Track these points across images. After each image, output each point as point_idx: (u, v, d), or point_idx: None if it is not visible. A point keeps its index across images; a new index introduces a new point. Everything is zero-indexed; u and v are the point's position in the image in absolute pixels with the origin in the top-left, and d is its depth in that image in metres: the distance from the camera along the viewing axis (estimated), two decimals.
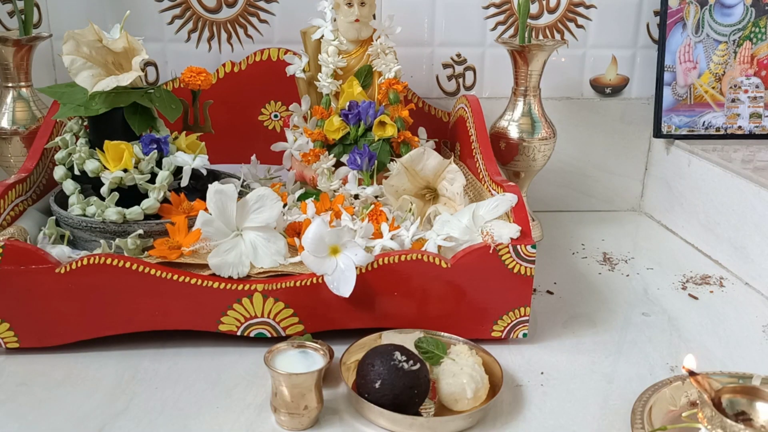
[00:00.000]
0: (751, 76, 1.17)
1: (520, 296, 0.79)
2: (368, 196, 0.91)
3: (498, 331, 0.80)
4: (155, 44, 1.12)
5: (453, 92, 1.20)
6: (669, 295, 0.95)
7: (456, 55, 1.18)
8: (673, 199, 1.18)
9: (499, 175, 0.91)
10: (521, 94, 1.06)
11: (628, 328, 0.86)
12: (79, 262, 0.73)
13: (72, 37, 0.82)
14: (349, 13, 0.95)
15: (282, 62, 1.07)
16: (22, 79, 1.00)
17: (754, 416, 0.63)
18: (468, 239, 0.80)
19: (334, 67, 0.97)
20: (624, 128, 1.23)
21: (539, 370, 0.76)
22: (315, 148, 0.96)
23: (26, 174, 0.87)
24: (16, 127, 0.99)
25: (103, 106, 0.82)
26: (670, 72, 1.16)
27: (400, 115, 0.97)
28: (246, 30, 1.13)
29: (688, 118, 1.17)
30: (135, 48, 0.85)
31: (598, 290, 0.96)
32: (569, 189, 1.26)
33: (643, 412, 0.65)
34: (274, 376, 0.65)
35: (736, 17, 1.15)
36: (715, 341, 0.83)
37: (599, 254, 1.08)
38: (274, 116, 1.13)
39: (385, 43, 0.97)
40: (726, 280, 1.00)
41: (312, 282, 0.76)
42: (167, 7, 1.11)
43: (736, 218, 1.01)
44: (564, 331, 0.85)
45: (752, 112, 1.17)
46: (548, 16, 1.17)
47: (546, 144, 1.06)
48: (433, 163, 0.90)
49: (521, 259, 0.77)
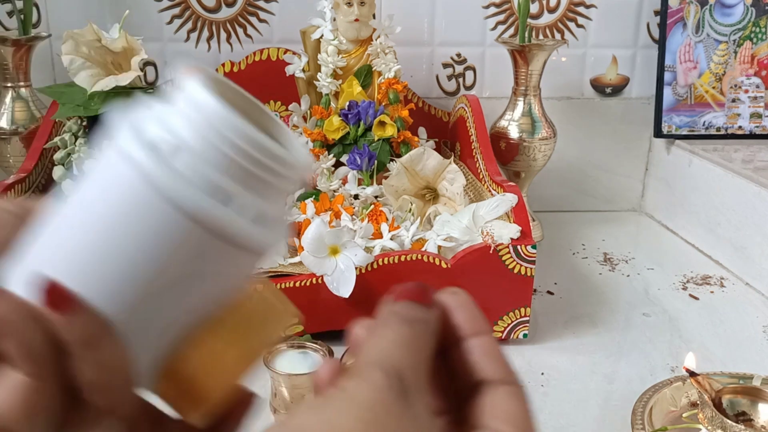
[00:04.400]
0: (751, 76, 1.16)
1: (521, 296, 0.78)
2: (368, 196, 0.91)
3: (498, 331, 0.80)
4: (154, 44, 1.11)
5: (453, 92, 1.19)
6: (669, 296, 0.95)
7: (456, 54, 1.18)
8: (674, 199, 1.18)
9: (499, 175, 0.91)
10: (521, 93, 1.06)
11: (629, 329, 0.86)
12: None
13: (71, 37, 0.82)
14: (349, 13, 0.95)
15: (281, 62, 1.06)
16: (21, 79, 1.00)
17: (755, 417, 0.63)
18: (468, 239, 0.79)
19: (334, 66, 0.96)
20: (624, 128, 1.23)
21: (540, 371, 0.76)
22: (314, 148, 0.96)
23: (25, 174, 0.87)
24: (15, 127, 0.99)
25: (102, 106, 0.82)
26: (671, 72, 1.16)
27: (400, 114, 0.97)
28: (245, 30, 1.13)
29: (689, 118, 1.17)
30: (134, 48, 0.84)
31: (599, 290, 0.96)
32: (569, 189, 1.26)
33: (643, 413, 0.64)
34: (274, 377, 0.65)
35: (736, 17, 1.15)
36: (716, 341, 0.83)
37: (600, 254, 1.08)
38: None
39: (385, 42, 0.97)
40: (727, 280, 0.99)
41: (312, 282, 0.75)
42: (166, 6, 1.11)
43: (736, 218, 1.01)
44: (564, 331, 0.85)
45: (753, 112, 1.17)
46: (548, 15, 1.17)
47: (546, 144, 1.06)
48: (433, 163, 0.90)
49: (521, 259, 0.77)
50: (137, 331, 0.27)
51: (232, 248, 0.27)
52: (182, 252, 0.26)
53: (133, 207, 0.26)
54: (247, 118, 0.27)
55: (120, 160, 0.26)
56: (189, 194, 0.25)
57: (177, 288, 0.27)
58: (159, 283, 0.27)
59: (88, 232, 0.26)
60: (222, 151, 0.26)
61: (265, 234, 0.28)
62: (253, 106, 0.30)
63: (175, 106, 0.27)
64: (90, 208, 0.27)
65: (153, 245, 0.26)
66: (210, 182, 0.26)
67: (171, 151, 0.26)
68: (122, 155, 0.26)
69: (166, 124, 0.26)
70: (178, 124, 0.26)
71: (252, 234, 0.27)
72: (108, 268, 0.26)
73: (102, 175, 0.27)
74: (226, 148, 0.26)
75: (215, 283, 0.28)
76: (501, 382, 0.28)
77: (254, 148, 0.26)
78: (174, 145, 0.26)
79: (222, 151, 0.26)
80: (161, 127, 0.26)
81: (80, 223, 0.27)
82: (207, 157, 0.26)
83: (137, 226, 0.26)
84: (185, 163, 0.26)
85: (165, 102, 0.27)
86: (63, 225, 0.27)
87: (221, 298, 0.29)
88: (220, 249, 0.27)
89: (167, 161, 0.26)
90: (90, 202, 0.27)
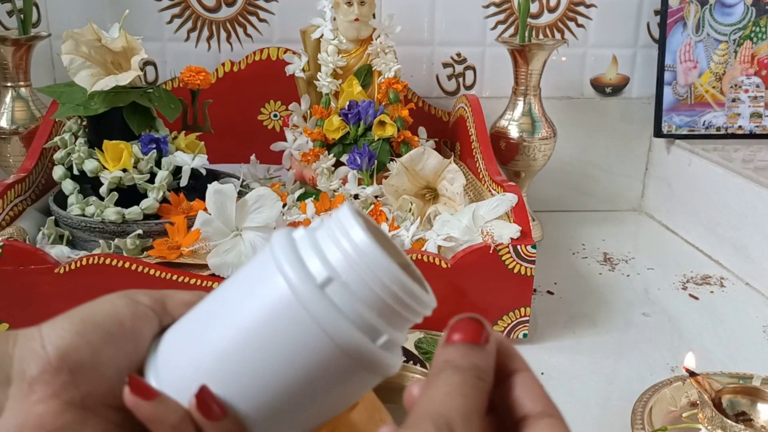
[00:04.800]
0: (751, 76, 1.16)
1: (520, 296, 0.78)
2: (368, 196, 0.91)
3: (498, 331, 0.79)
4: (154, 43, 1.11)
5: (453, 92, 1.19)
6: (669, 295, 0.95)
7: (456, 54, 1.18)
8: (674, 199, 1.18)
9: (499, 175, 0.91)
10: (521, 93, 1.06)
11: (629, 329, 0.86)
12: (78, 263, 0.73)
13: (71, 37, 0.82)
14: (349, 12, 0.95)
15: (281, 61, 1.06)
16: (21, 78, 1.00)
17: (755, 417, 0.63)
18: (468, 239, 0.79)
19: (334, 66, 0.96)
20: (624, 128, 1.23)
21: (539, 371, 0.76)
22: (314, 148, 0.96)
23: (25, 174, 0.87)
24: (16, 127, 0.99)
25: (102, 106, 0.82)
26: (671, 71, 1.16)
27: (400, 114, 0.97)
28: (245, 29, 1.13)
29: (689, 117, 1.17)
30: (134, 47, 0.84)
31: (599, 290, 0.96)
32: (569, 189, 1.26)
33: (643, 413, 0.64)
34: None
35: (736, 17, 1.15)
36: (716, 341, 0.83)
37: (599, 254, 1.08)
38: (273, 116, 1.13)
39: (385, 42, 0.97)
40: (726, 280, 0.99)
41: None
42: (166, 6, 1.11)
43: (736, 218, 1.01)
44: (564, 331, 0.85)
45: (753, 112, 1.17)
46: (548, 15, 1.17)
47: (546, 144, 1.06)
48: (433, 163, 0.90)
49: (521, 259, 0.77)
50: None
51: (366, 373, 0.31)
52: (323, 374, 0.29)
53: (288, 330, 0.29)
54: (389, 255, 0.30)
55: (280, 279, 0.29)
56: (344, 328, 0.29)
57: (309, 402, 0.30)
58: (296, 398, 0.30)
59: (240, 345, 0.29)
60: (375, 292, 0.29)
61: (393, 359, 0.31)
62: (388, 242, 0.33)
63: (335, 241, 0.30)
64: (243, 321, 0.30)
65: (298, 365, 0.29)
66: (363, 319, 0.29)
67: (329, 284, 0.29)
68: (283, 276, 0.29)
69: (325, 256, 0.30)
70: (338, 258, 0.29)
71: (386, 362, 0.31)
72: (255, 382, 0.29)
73: (258, 292, 0.30)
74: (379, 290, 0.29)
75: (341, 399, 0.32)
76: (543, 415, 0.29)
77: (404, 292, 0.30)
78: (332, 279, 0.29)
79: (375, 292, 0.29)
80: (321, 258, 0.30)
81: (233, 335, 0.30)
82: (362, 296, 0.29)
83: (288, 347, 0.29)
84: (341, 297, 0.29)
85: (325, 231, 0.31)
86: (214, 334, 0.30)
87: (341, 409, 0.32)
88: (357, 375, 0.30)
89: (325, 293, 0.29)
90: (244, 317, 0.30)
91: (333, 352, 0.29)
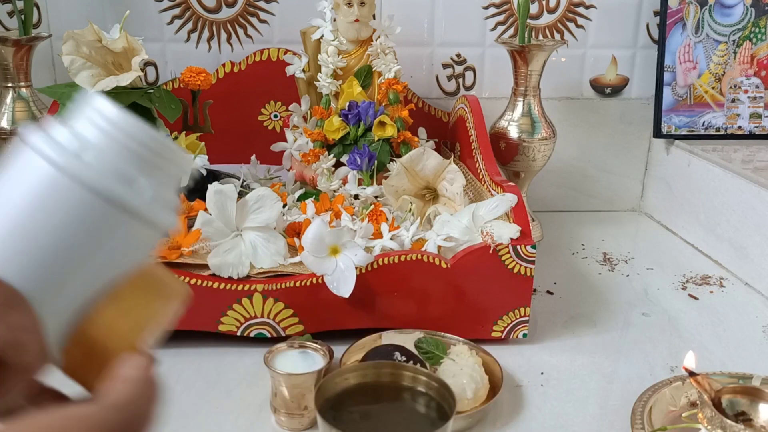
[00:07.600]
0: (750, 76, 1.17)
1: (520, 296, 0.79)
2: (368, 196, 0.91)
3: (498, 331, 0.80)
4: (155, 44, 1.11)
5: (453, 92, 1.20)
6: (669, 296, 0.95)
7: (456, 55, 1.18)
8: (673, 200, 1.18)
9: (499, 175, 0.91)
10: (521, 94, 1.06)
11: (628, 329, 0.86)
12: None
13: (72, 37, 0.82)
14: (349, 13, 0.95)
15: (282, 62, 1.07)
16: (21, 79, 1.00)
17: (754, 416, 0.63)
18: (468, 239, 0.80)
19: (334, 67, 0.97)
20: (624, 128, 1.23)
21: (539, 371, 0.76)
22: (315, 148, 0.96)
23: None
24: (16, 127, 0.99)
25: None
26: (670, 72, 1.16)
27: (400, 115, 0.97)
28: (246, 30, 1.13)
29: (688, 118, 1.17)
30: (134, 48, 0.85)
31: (598, 290, 0.96)
32: (569, 189, 1.26)
33: (643, 413, 0.65)
34: (274, 377, 0.65)
35: (735, 17, 1.15)
36: (715, 341, 0.83)
37: (599, 254, 1.08)
38: (273, 116, 1.13)
39: (385, 43, 0.97)
40: (726, 280, 1.00)
41: (312, 282, 0.75)
42: (167, 7, 1.11)
43: (736, 218, 1.01)
44: (564, 331, 0.85)
45: (752, 112, 1.17)
46: (548, 16, 1.17)
47: (546, 144, 1.06)
48: (433, 163, 0.90)
49: (521, 259, 0.77)
50: (47, 299, 0.32)
51: (133, 222, 0.32)
52: (90, 226, 0.32)
53: (48, 192, 0.31)
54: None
55: (35, 157, 0.31)
56: (98, 177, 0.31)
57: (84, 261, 0.32)
58: (70, 258, 0.32)
59: (5, 217, 0.31)
60: (120, 141, 0.32)
61: (160, 211, 0.33)
62: None
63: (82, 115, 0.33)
64: (7, 197, 0.32)
65: (66, 223, 0.31)
66: (114, 166, 0.32)
67: (81, 149, 0.32)
68: (39, 154, 0.31)
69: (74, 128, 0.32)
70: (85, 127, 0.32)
71: (149, 209, 0.33)
72: (23, 245, 0.31)
73: (19, 171, 0.32)
74: (123, 138, 0.32)
75: (117, 256, 0.33)
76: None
77: (145, 138, 0.33)
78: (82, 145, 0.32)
79: (119, 140, 0.32)
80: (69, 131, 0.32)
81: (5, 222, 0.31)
82: (108, 148, 0.32)
83: (52, 209, 0.31)
84: (92, 156, 0.32)
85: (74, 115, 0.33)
86: None
87: (121, 271, 0.34)
88: (123, 222, 0.32)
89: (78, 156, 0.31)
90: (7, 192, 0.32)
91: (88, 198, 0.31)
